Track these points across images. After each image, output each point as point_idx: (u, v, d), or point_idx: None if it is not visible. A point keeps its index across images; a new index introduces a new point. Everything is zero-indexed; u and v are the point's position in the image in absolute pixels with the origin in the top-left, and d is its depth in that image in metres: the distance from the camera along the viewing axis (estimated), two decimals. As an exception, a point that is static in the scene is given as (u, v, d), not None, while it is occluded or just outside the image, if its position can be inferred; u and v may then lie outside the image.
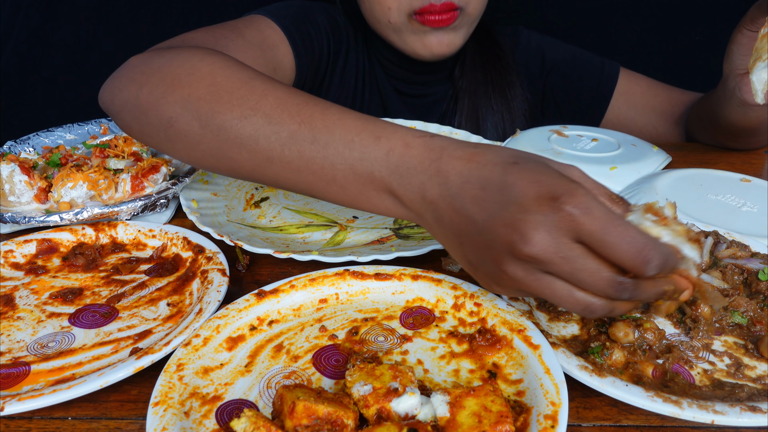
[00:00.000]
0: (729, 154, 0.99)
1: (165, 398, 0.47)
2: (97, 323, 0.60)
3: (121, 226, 0.75)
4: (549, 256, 0.43)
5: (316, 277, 0.61)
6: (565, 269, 0.44)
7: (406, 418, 0.44)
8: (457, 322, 0.57)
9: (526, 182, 0.45)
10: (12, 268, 0.70)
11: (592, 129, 1.01)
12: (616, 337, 0.53)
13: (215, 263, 0.65)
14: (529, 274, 0.45)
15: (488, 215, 0.46)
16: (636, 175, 0.86)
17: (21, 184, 0.79)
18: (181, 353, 0.52)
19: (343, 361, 0.53)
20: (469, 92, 1.11)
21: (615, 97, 1.13)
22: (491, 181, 0.47)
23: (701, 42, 0.78)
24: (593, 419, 0.49)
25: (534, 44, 1.17)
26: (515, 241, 0.44)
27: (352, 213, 0.81)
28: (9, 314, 0.62)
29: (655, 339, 0.53)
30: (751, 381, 0.50)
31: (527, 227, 0.43)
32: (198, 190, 0.83)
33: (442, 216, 0.50)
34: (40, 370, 0.54)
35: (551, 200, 0.43)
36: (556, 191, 0.44)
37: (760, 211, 0.76)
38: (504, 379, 0.50)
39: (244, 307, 0.58)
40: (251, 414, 0.42)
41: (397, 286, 0.61)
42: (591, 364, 0.50)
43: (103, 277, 0.68)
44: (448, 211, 0.49)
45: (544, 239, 0.43)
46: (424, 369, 0.52)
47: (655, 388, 0.49)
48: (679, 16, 1.48)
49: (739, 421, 0.45)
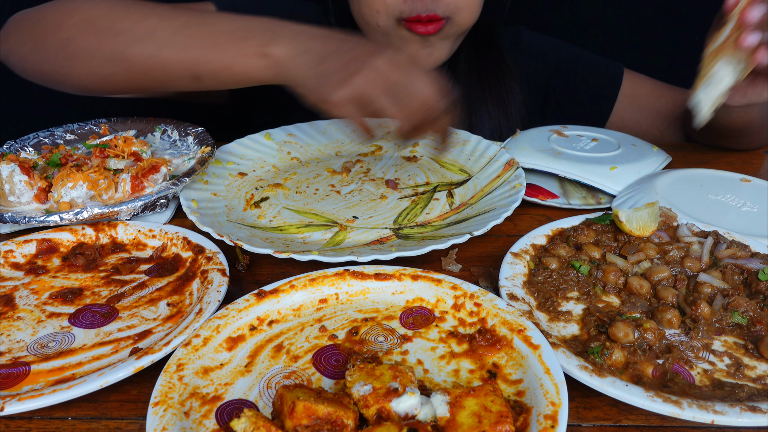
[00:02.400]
0: (729, 154, 0.99)
1: (165, 398, 0.47)
2: (97, 323, 0.60)
3: (121, 226, 0.75)
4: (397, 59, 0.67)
5: (316, 277, 0.61)
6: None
7: (406, 418, 0.44)
8: (457, 322, 0.57)
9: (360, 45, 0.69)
10: (12, 268, 0.70)
11: (592, 129, 1.01)
12: (616, 337, 0.53)
13: (215, 263, 0.65)
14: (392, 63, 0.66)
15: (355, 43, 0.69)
16: (636, 175, 0.86)
17: (21, 184, 0.79)
18: (181, 353, 0.52)
19: (343, 361, 0.53)
20: (463, 98, 1.09)
21: (619, 100, 1.12)
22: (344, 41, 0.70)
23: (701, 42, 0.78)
24: (593, 419, 0.49)
25: (536, 45, 1.16)
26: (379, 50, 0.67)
27: (352, 213, 0.81)
28: (9, 314, 0.62)
29: (654, 339, 0.53)
30: (751, 381, 0.50)
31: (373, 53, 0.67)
32: (198, 190, 0.82)
33: (309, 49, 0.68)
34: (40, 370, 0.54)
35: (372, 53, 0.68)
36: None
37: (760, 211, 0.76)
38: (504, 379, 0.50)
39: (244, 307, 0.58)
40: (251, 414, 0.42)
41: (397, 286, 0.61)
42: (591, 364, 0.50)
43: (103, 277, 0.68)
44: (317, 43, 0.69)
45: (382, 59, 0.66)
46: (424, 369, 0.52)
47: (655, 388, 0.49)
48: (679, 16, 1.48)
49: (739, 421, 0.45)
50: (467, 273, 0.68)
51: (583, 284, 0.62)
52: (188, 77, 0.74)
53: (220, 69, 0.73)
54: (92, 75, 0.77)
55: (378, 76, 0.66)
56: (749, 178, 0.84)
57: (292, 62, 0.70)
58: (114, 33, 0.73)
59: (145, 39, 0.73)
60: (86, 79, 0.78)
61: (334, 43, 0.69)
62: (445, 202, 0.83)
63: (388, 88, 0.67)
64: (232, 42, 0.71)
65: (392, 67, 0.67)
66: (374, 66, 0.66)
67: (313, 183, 0.90)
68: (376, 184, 0.88)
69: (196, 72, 0.74)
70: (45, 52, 0.78)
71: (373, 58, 0.66)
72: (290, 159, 0.97)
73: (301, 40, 0.70)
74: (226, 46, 0.71)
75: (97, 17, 0.75)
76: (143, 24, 0.73)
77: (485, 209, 0.78)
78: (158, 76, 0.75)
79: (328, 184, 0.89)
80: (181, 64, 0.73)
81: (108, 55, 0.74)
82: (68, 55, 0.76)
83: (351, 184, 0.89)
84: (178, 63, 0.73)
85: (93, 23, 0.75)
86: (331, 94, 0.67)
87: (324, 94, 0.67)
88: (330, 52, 0.68)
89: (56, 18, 0.78)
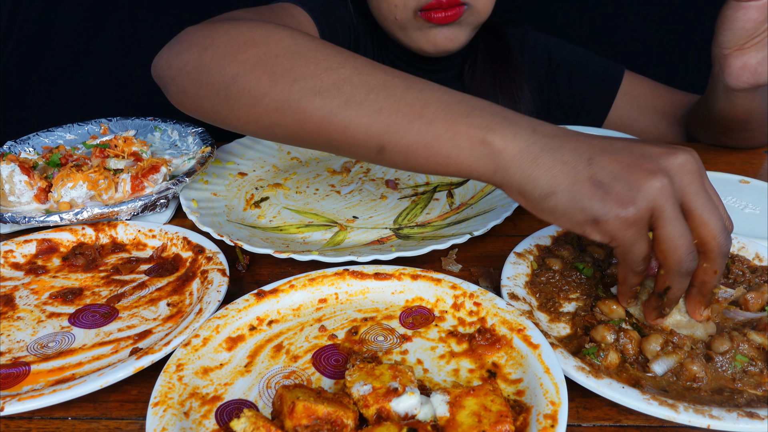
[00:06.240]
0: (729, 154, 0.99)
1: (165, 398, 0.47)
2: (97, 323, 0.60)
3: (121, 226, 0.75)
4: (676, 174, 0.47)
5: (316, 277, 0.61)
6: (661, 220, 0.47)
7: (405, 418, 0.44)
8: (456, 322, 0.57)
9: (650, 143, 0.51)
10: (12, 268, 0.70)
11: (592, 129, 1.01)
12: (594, 339, 0.53)
13: (215, 263, 0.65)
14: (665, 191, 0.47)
15: (629, 142, 0.50)
16: (636, 175, 0.86)
17: (21, 184, 0.79)
18: (180, 353, 0.52)
19: (342, 361, 0.53)
20: (478, 93, 1.11)
21: (618, 98, 1.14)
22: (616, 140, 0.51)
23: (701, 42, 0.78)
24: (593, 419, 0.49)
25: (540, 44, 1.18)
26: (663, 152, 0.48)
27: (352, 213, 0.81)
28: (9, 314, 0.62)
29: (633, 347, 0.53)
30: (752, 387, 0.50)
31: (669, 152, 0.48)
32: (198, 190, 0.83)
33: (563, 144, 0.50)
34: (40, 370, 0.54)
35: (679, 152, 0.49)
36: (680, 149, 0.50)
37: (762, 213, 0.76)
38: (504, 378, 0.50)
39: (243, 307, 0.58)
40: (251, 414, 0.42)
41: (396, 286, 0.61)
42: (588, 365, 0.50)
43: (103, 277, 0.68)
44: (573, 140, 0.50)
45: (684, 157, 0.48)
46: (423, 369, 0.52)
47: (653, 390, 0.48)
48: (679, 16, 1.48)
49: (735, 426, 0.44)
50: (467, 273, 0.68)
51: (585, 286, 0.62)
52: (372, 147, 0.56)
53: (416, 145, 0.54)
54: (255, 122, 0.62)
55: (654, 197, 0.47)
56: (748, 179, 0.84)
57: (520, 159, 0.50)
58: (293, 77, 0.58)
59: (330, 91, 0.56)
60: (248, 125, 0.63)
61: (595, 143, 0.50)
62: (445, 202, 0.83)
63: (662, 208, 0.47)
64: (444, 115, 0.53)
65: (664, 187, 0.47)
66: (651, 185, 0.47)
67: (313, 183, 0.90)
68: (376, 184, 0.89)
69: (382, 143, 0.55)
70: (208, 86, 0.63)
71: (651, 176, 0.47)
72: (290, 159, 0.97)
73: (540, 133, 0.51)
74: (433, 118, 0.53)
75: (277, 55, 0.59)
76: (333, 73, 0.57)
77: (485, 209, 0.78)
78: (334, 138, 0.58)
79: (328, 184, 0.89)
80: (366, 130, 0.56)
81: (279, 102, 0.59)
82: (232, 94, 0.61)
83: (351, 184, 0.89)
84: (364, 128, 0.56)
85: (271, 61, 0.59)
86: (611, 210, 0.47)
87: (591, 211, 0.48)
88: (596, 148, 0.49)
89: (228, 48, 0.62)
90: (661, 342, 0.52)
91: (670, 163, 0.48)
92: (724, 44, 0.82)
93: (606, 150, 0.49)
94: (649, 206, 0.47)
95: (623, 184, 0.47)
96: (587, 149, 0.49)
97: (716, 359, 0.51)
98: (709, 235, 0.48)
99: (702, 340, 0.53)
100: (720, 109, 0.91)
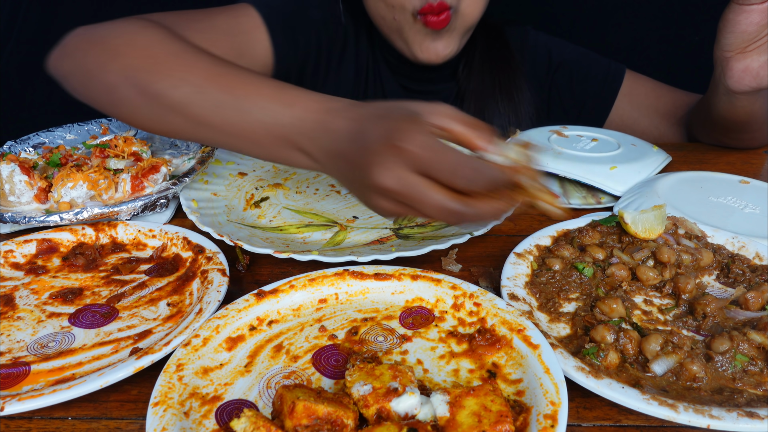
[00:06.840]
0: (729, 154, 0.99)
1: (165, 398, 0.47)
2: (97, 323, 0.60)
3: (121, 226, 0.75)
4: (396, 189, 0.51)
5: (316, 277, 0.61)
6: (410, 197, 0.51)
7: (405, 418, 0.44)
8: (456, 322, 0.57)
9: (377, 130, 0.53)
10: (12, 268, 0.70)
11: (592, 129, 1.01)
12: (594, 340, 0.53)
13: (215, 263, 0.65)
14: (392, 204, 0.53)
15: (357, 161, 0.54)
16: (636, 174, 0.86)
17: (21, 184, 0.79)
18: (180, 353, 0.52)
19: (342, 361, 0.53)
20: (476, 94, 1.11)
21: (619, 98, 1.13)
22: (359, 134, 0.55)
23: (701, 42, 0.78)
24: (593, 419, 0.49)
25: (541, 44, 1.17)
26: (372, 179, 0.52)
27: (352, 213, 0.81)
28: (9, 314, 0.62)
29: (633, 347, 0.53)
30: (752, 387, 0.50)
31: (374, 168, 0.51)
32: (198, 190, 0.83)
33: (339, 166, 0.58)
34: (40, 370, 0.54)
35: (390, 141, 0.51)
36: (394, 134, 0.51)
37: (762, 213, 0.76)
38: (503, 378, 0.50)
39: (243, 307, 0.58)
40: (251, 414, 0.42)
41: (396, 286, 0.61)
42: (588, 366, 0.50)
43: (103, 277, 0.68)
44: (341, 161, 0.57)
45: (387, 176, 0.51)
46: (423, 369, 0.52)
47: (653, 390, 0.48)
48: (679, 16, 1.48)
49: (735, 426, 0.44)
50: (467, 273, 0.68)
51: (585, 286, 0.62)
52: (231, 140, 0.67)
53: (264, 158, 0.66)
54: (140, 125, 0.72)
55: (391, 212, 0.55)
56: (748, 179, 0.84)
57: (330, 171, 0.61)
58: (152, 95, 0.66)
59: (182, 110, 0.65)
60: (138, 125, 0.73)
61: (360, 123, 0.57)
62: (445, 202, 0.83)
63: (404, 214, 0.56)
64: (268, 138, 0.62)
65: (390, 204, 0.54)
66: (382, 206, 0.54)
67: (313, 183, 0.90)
68: (376, 184, 0.88)
69: (241, 152, 0.69)
70: (93, 91, 0.71)
71: (375, 198, 0.54)
72: (290, 159, 0.97)
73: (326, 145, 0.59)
74: (264, 143, 0.63)
75: (138, 67, 0.67)
76: (179, 91, 0.65)
77: (485, 209, 0.78)
78: (207, 144, 0.72)
79: (328, 184, 0.89)
80: (225, 146, 0.67)
81: (150, 116, 0.68)
82: (113, 102, 0.70)
83: (351, 184, 0.89)
84: (223, 144, 0.67)
85: (135, 74, 0.67)
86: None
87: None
88: (349, 174, 0.57)
89: (102, 57, 0.69)
90: (660, 342, 0.52)
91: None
92: (726, 47, 0.82)
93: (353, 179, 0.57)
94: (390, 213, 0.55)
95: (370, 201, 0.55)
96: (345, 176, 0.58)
97: (716, 359, 0.51)
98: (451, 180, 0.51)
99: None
100: (721, 110, 0.91)
